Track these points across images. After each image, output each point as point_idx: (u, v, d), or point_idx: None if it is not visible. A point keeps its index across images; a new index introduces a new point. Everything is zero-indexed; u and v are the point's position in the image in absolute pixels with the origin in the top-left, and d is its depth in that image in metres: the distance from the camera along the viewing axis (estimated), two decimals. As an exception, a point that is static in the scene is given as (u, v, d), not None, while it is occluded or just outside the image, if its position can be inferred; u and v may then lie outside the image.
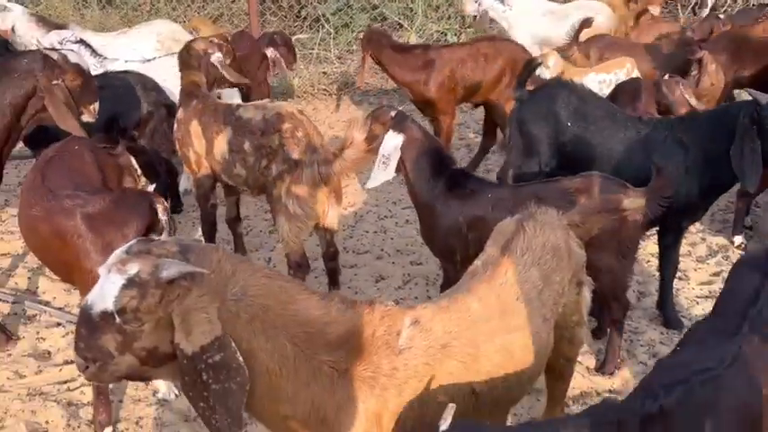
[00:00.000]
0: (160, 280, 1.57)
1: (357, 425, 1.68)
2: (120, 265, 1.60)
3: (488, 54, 5.13)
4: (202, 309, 1.59)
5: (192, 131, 3.65)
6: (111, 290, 1.58)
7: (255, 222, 4.80)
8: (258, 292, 1.66)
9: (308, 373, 1.67)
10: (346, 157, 3.25)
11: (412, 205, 5.00)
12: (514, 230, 2.03)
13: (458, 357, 1.77)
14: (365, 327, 1.73)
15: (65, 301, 3.86)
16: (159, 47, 5.08)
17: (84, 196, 2.77)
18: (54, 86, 3.20)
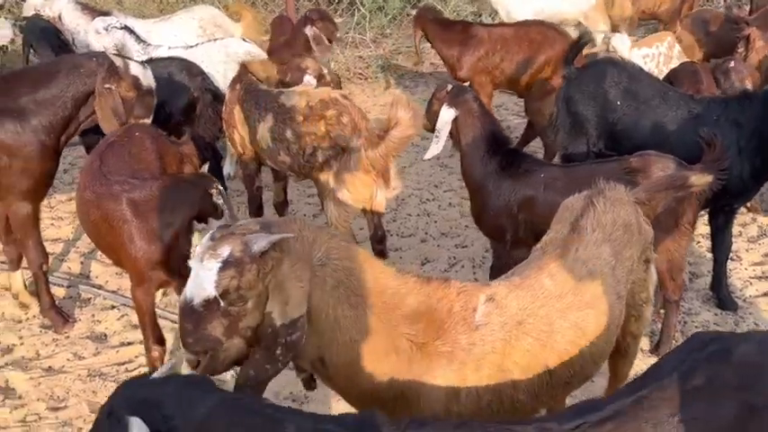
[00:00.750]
0: (253, 254, 1.60)
1: (435, 399, 1.70)
2: (211, 250, 1.63)
3: (536, 40, 5.02)
4: (297, 277, 1.62)
5: (236, 116, 3.68)
6: (209, 276, 1.60)
7: (299, 206, 4.83)
8: (340, 255, 1.69)
9: (387, 345, 1.69)
10: (392, 137, 3.24)
11: (454, 188, 5.05)
12: (584, 207, 2.01)
13: (533, 334, 1.77)
14: (442, 302, 1.74)
15: (117, 285, 3.93)
16: (201, 32, 5.12)
17: (134, 182, 2.82)
18: (105, 90, 3.26)
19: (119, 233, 2.80)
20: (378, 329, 1.69)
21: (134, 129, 3.14)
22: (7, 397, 3.11)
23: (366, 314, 1.69)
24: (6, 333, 3.51)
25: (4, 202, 3.21)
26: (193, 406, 1.39)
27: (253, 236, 1.62)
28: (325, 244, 1.69)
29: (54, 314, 3.49)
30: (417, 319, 1.72)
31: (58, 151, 3.30)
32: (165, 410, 1.37)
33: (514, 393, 1.75)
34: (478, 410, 1.71)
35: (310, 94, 3.43)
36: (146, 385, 1.49)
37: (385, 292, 1.72)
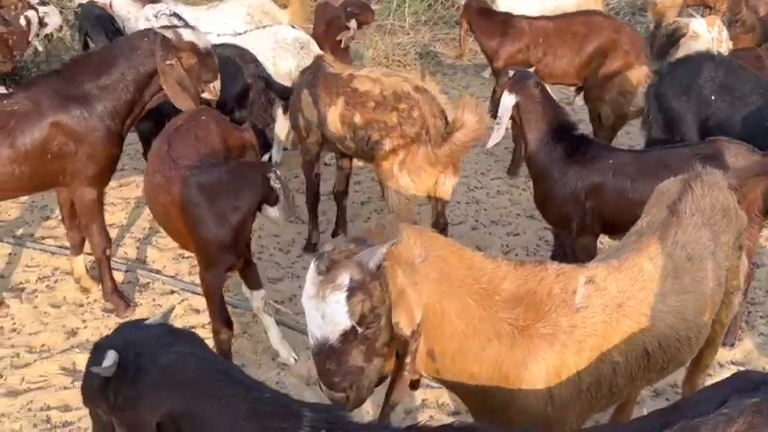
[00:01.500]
0: (371, 271, 1.57)
1: (537, 381, 1.70)
2: (328, 283, 1.58)
3: (579, 33, 4.94)
4: (411, 281, 1.60)
5: (303, 100, 3.69)
6: (339, 308, 1.57)
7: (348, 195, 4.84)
8: (435, 247, 1.68)
9: (490, 331, 1.69)
10: (455, 140, 3.25)
11: (501, 176, 5.03)
12: (681, 190, 1.99)
13: (632, 317, 1.76)
14: (541, 285, 1.73)
15: (175, 270, 3.98)
16: (249, 19, 5.13)
17: (202, 167, 2.85)
18: (167, 67, 3.24)
19: (188, 216, 2.83)
20: (480, 316, 1.69)
21: (200, 113, 3.17)
22: (76, 379, 3.16)
23: (468, 302, 1.68)
24: (70, 317, 3.57)
25: (70, 188, 3.25)
26: (165, 351, 1.48)
27: (362, 254, 1.59)
28: (419, 239, 1.67)
29: (116, 298, 3.55)
30: (516, 303, 1.72)
31: (123, 136, 3.33)
32: (138, 349, 1.48)
33: (613, 377, 1.75)
34: (578, 394, 1.71)
35: (384, 82, 3.42)
36: (134, 328, 1.62)
37: (481, 278, 1.71)
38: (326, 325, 1.59)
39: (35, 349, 3.35)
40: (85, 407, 1.60)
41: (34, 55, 6.11)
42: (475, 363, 1.70)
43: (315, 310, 1.60)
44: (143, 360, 1.46)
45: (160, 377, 1.44)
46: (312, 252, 4.11)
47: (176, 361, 1.47)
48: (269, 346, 3.34)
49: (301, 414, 1.44)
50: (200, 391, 1.45)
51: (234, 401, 1.44)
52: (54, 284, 3.81)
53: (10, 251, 4.11)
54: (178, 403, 1.43)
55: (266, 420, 1.42)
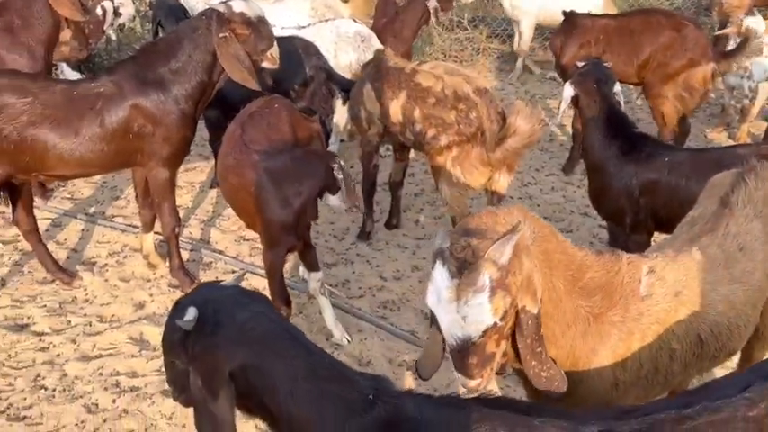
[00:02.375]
0: (504, 266, 1.58)
1: (605, 367, 1.77)
2: (469, 287, 1.59)
3: (637, 31, 4.93)
4: (534, 264, 1.65)
5: (365, 93, 3.81)
6: (483, 309, 1.58)
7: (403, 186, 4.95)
8: (538, 229, 1.72)
9: (571, 316, 1.75)
10: (507, 146, 3.32)
11: (556, 173, 5.06)
12: (734, 182, 2.03)
13: (688, 305, 1.82)
14: (617, 274, 1.79)
15: (236, 251, 4.16)
16: (313, 13, 5.28)
17: (271, 153, 3.00)
18: (221, 40, 3.28)
19: (256, 199, 2.99)
20: (565, 301, 1.74)
21: (273, 101, 3.32)
22: (143, 348, 3.37)
23: (558, 286, 1.74)
24: (138, 290, 3.78)
25: (146, 168, 3.44)
26: (240, 309, 1.60)
27: (493, 250, 1.59)
28: (526, 222, 1.71)
29: (182, 275, 3.74)
30: (595, 291, 1.77)
31: (195, 120, 3.49)
32: (216, 306, 1.60)
33: (670, 364, 1.81)
34: (637, 380, 1.78)
35: (446, 80, 3.50)
36: (212, 288, 1.76)
37: (571, 264, 1.76)
38: (470, 326, 1.61)
39: (106, 319, 3.57)
40: (165, 357, 1.74)
41: (107, 43, 6.41)
42: (553, 346, 1.76)
43: (455, 313, 1.61)
44: (221, 316, 1.58)
45: (236, 331, 1.57)
46: (366, 240, 4.24)
47: (250, 318, 1.59)
48: (323, 326, 3.48)
49: (354, 380, 1.56)
50: (268, 348, 1.57)
51: (296, 361, 1.56)
52: (123, 260, 4.04)
53: (83, 227, 4.37)
54: (249, 356, 1.55)
55: (322, 382, 1.54)
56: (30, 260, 3.99)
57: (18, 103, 3.10)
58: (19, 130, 3.11)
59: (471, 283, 1.58)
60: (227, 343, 1.55)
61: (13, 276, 3.89)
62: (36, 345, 3.37)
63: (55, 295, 3.73)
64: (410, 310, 3.66)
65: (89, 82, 3.27)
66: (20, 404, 3.02)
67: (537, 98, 6.44)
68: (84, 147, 3.18)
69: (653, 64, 4.78)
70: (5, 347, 3.34)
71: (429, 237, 4.36)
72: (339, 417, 1.48)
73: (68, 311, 3.60)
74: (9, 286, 3.80)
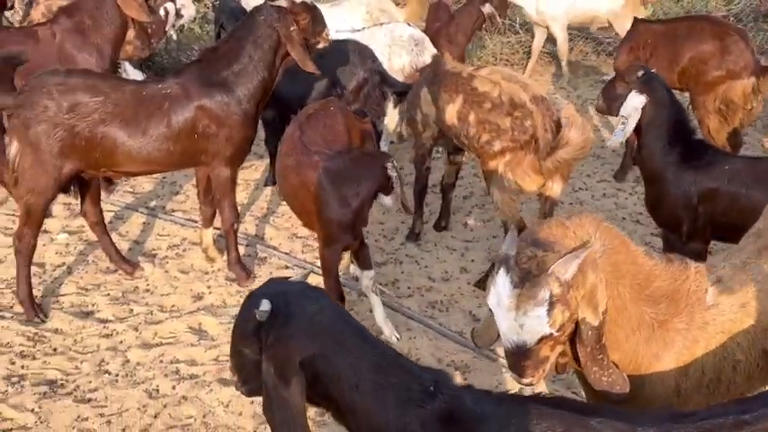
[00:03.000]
0: (567, 282, 1.63)
1: (668, 374, 1.80)
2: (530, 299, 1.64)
3: (680, 36, 4.85)
4: (599, 279, 1.68)
5: (422, 96, 3.88)
6: (540, 321, 1.64)
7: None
8: (610, 240, 1.75)
9: (636, 322, 1.78)
10: (559, 156, 3.33)
11: (608, 179, 5.04)
12: None
13: (753, 316, 1.83)
14: (684, 282, 1.82)
15: (289, 247, 4.28)
16: (368, 17, 5.37)
17: (330, 154, 3.10)
18: (292, 33, 3.41)
19: (316, 198, 3.09)
20: (630, 308, 1.77)
21: (329, 103, 3.42)
22: (202, 338, 3.51)
23: (625, 294, 1.76)
24: (197, 282, 3.93)
25: (209, 166, 3.58)
26: (310, 302, 1.70)
27: (559, 265, 1.62)
28: (597, 233, 1.73)
29: (239, 269, 3.87)
30: (660, 298, 1.80)
31: (257, 119, 3.62)
32: (288, 299, 1.69)
33: (733, 375, 1.83)
34: (699, 388, 1.80)
35: (503, 86, 3.54)
36: (282, 283, 1.87)
37: (639, 273, 1.78)
38: (526, 333, 1.67)
39: (166, 309, 3.72)
40: (234, 346, 1.81)
41: (167, 43, 6.63)
42: (616, 351, 1.78)
43: (513, 321, 1.67)
44: (292, 308, 1.67)
45: (306, 323, 1.66)
46: (415, 241, 4.31)
47: (319, 311, 1.67)
48: (373, 323, 3.55)
49: (415, 373, 1.63)
50: (335, 340, 1.65)
51: (361, 353, 1.63)
52: (183, 252, 4.20)
53: (144, 220, 4.55)
54: (318, 347, 1.63)
55: (386, 374, 1.60)
56: (94, 250, 4.18)
57: (90, 101, 3.27)
58: (90, 127, 3.28)
59: (532, 296, 1.63)
60: (299, 333, 1.64)
61: (79, 265, 4.08)
62: (100, 331, 3.54)
63: (118, 285, 3.90)
64: (458, 311, 3.71)
65: (157, 83, 3.42)
66: (85, 387, 3.19)
67: (589, 103, 6.40)
68: (151, 145, 3.33)
69: (692, 72, 4.72)
70: (72, 333, 3.52)
71: (477, 239, 4.40)
72: (401, 407, 1.54)
73: (131, 300, 3.77)
74: (75, 274, 4.00)
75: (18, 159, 3.33)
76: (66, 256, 4.15)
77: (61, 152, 3.30)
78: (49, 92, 3.26)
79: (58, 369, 3.28)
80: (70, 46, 4.13)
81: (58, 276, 3.97)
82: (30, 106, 3.27)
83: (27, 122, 3.27)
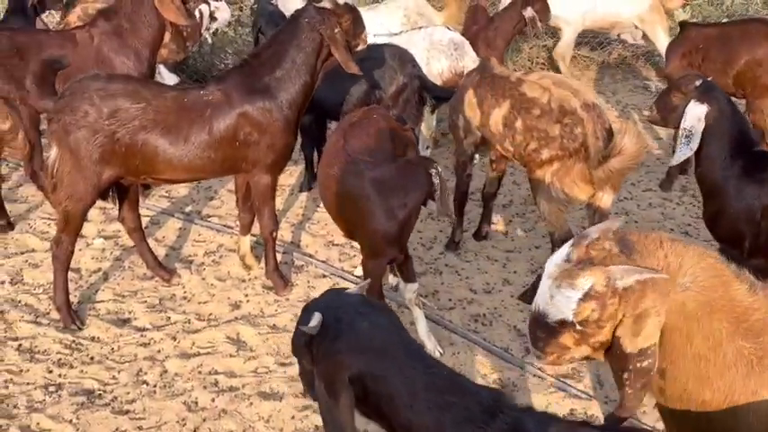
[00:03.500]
0: (617, 290, 1.59)
1: (765, 413, 1.68)
2: (570, 279, 1.62)
3: (734, 39, 4.70)
4: (656, 313, 1.62)
5: (467, 101, 3.78)
6: (567, 303, 1.63)
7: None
8: (705, 279, 1.67)
9: (731, 358, 1.68)
10: (611, 165, 3.21)
11: (652, 188, 4.88)
12: None
13: None
14: None
15: (326, 255, 4.20)
16: (405, 21, 5.28)
17: (375, 163, 3.01)
18: (336, 34, 3.36)
19: (361, 209, 3.00)
20: (725, 344, 1.69)
21: (372, 111, 3.34)
22: (240, 348, 3.44)
23: (721, 330, 1.68)
24: (234, 290, 3.87)
25: (249, 174, 3.51)
26: (361, 318, 1.66)
27: (619, 270, 1.60)
28: (692, 268, 1.66)
29: (277, 277, 3.80)
30: (761, 332, 1.69)
31: (298, 125, 3.54)
32: (339, 314, 1.67)
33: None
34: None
35: (553, 92, 3.42)
36: (337, 295, 1.85)
37: (737, 308, 1.70)
38: (551, 307, 1.67)
39: (204, 317, 3.66)
40: (295, 355, 1.81)
41: (201, 46, 6.60)
42: (708, 389, 1.70)
43: (547, 288, 1.67)
44: (342, 324, 1.65)
45: (355, 340, 1.63)
46: (454, 250, 4.20)
47: (369, 328, 1.65)
48: (415, 337, 3.46)
49: (474, 392, 1.58)
50: (386, 358, 1.61)
51: (414, 372, 1.59)
52: (219, 259, 4.14)
53: (180, 226, 4.50)
54: (367, 365, 1.61)
55: (442, 393, 1.55)
56: (130, 256, 4.15)
57: (131, 107, 3.22)
58: (131, 133, 3.22)
59: (572, 277, 1.62)
60: (347, 350, 1.62)
61: (115, 271, 4.04)
62: (138, 340, 3.49)
63: (155, 292, 3.85)
64: (503, 325, 3.60)
65: (198, 90, 3.36)
66: (123, 398, 3.14)
67: (629, 108, 6.25)
68: (192, 153, 3.27)
69: (748, 75, 4.57)
70: (109, 341, 3.48)
71: (519, 250, 4.28)
72: (459, 428, 1.51)
73: (168, 308, 3.72)
74: (111, 280, 3.96)
75: (57, 165, 3.30)
76: (103, 262, 4.12)
77: (101, 158, 3.25)
78: (90, 97, 3.21)
79: (96, 378, 3.24)
80: (108, 49, 4.09)
81: (94, 282, 3.94)
82: (70, 111, 3.23)
83: (67, 127, 3.23)
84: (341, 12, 3.40)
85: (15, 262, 4.07)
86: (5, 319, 3.59)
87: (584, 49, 7.39)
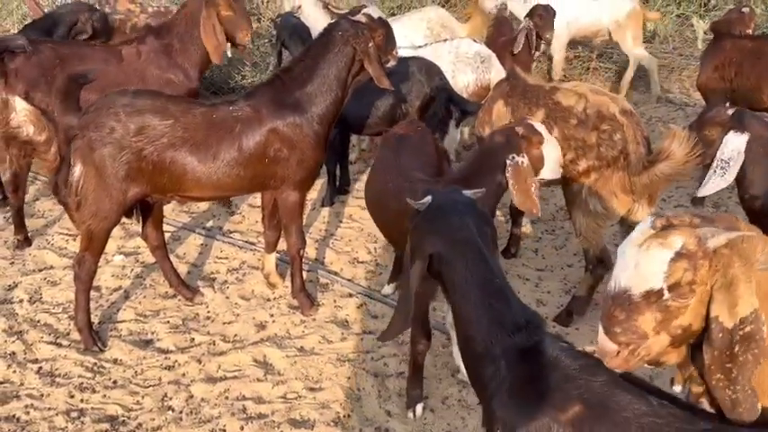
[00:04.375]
0: (707, 249, 1.54)
1: None
2: (660, 239, 1.56)
3: (761, 51, 4.64)
4: (747, 279, 1.55)
5: (495, 112, 3.67)
6: (658, 267, 1.55)
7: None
8: None
9: None
10: (658, 171, 3.09)
11: (684, 203, 4.76)
12: None
13: None
14: None
15: (351, 274, 4.09)
16: (429, 33, 5.20)
17: (430, 180, 2.90)
18: (370, 49, 3.30)
19: None
20: None
21: (415, 124, 3.28)
22: (268, 372, 3.32)
23: None
24: (259, 310, 3.76)
25: (278, 190, 3.40)
26: (458, 214, 1.99)
27: (707, 229, 1.56)
28: (766, 248, 1.59)
29: (303, 297, 3.69)
30: None
31: (327, 140, 3.44)
32: (444, 204, 2.05)
33: None
34: None
35: (589, 99, 3.32)
36: (456, 192, 2.15)
37: None
38: (636, 276, 1.58)
39: (229, 338, 3.55)
40: None
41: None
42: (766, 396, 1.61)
43: (630, 258, 1.59)
44: (441, 212, 2.01)
45: (444, 227, 1.95)
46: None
47: (458, 224, 1.95)
48: (447, 361, 3.35)
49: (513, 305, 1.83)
50: (460, 251, 1.89)
51: (477, 271, 1.86)
52: (243, 277, 4.03)
53: (201, 242, 4.40)
54: (444, 250, 1.91)
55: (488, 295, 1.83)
56: (151, 273, 4.05)
57: (160, 124, 3.12)
58: (159, 151, 3.13)
59: (663, 237, 1.56)
60: (434, 233, 1.95)
61: (136, 289, 3.94)
62: (162, 362, 3.38)
63: (178, 311, 3.75)
64: (540, 348, 3.47)
65: (228, 105, 3.26)
66: (148, 425, 3.02)
67: (654, 121, 6.13)
68: (221, 171, 3.17)
69: None
70: (132, 363, 3.37)
71: (552, 268, 4.16)
72: (492, 328, 1.77)
73: (191, 329, 3.61)
74: (132, 299, 3.85)
75: (81, 182, 3.19)
76: (123, 280, 4.02)
77: (127, 176, 3.15)
78: (116, 113, 3.12)
79: (119, 404, 3.12)
80: (155, 67, 4.04)
81: (115, 301, 3.83)
82: (95, 127, 3.13)
83: (92, 144, 3.13)
84: (375, 26, 3.34)
85: (33, 280, 3.98)
86: (25, 340, 3.49)
87: (606, 60, 7.30)
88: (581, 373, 1.61)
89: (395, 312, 2.19)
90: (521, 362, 1.67)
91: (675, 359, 1.74)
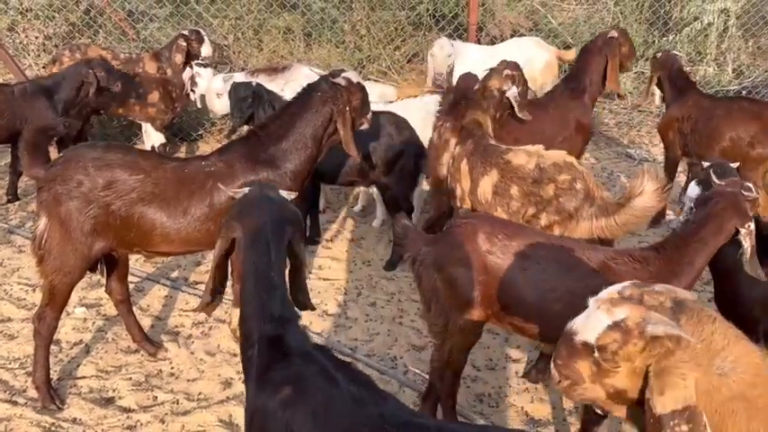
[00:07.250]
0: (644, 333, 1.60)
1: None
2: (610, 305, 1.66)
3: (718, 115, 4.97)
4: (681, 374, 1.59)
5: (462, 169, 3.73)
6: (596, 326, 1.66)
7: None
8: (747, 370, 1.63)
9: None
10: (634, 206, 3.16)
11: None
12: None
13: None
14: None
15: (321, 327, 4.03)
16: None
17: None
18: (347, 112, 3.36)
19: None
20: None
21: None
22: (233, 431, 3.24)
23: (757, 424, 1.63)
24: (225, 366, 3.68)
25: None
26: (262, 209, 2.21)
27: (655, 317, 1.62)
28: (736, 357, 1.63)
29: (271, 353, 3.62)
30: None
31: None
32: (254, 199, 2.27)
33: None
34: None
35: (542, 155, 3.41)
36: (270, 189, 2.36)
37: None
38: (583, 325, 1.71)
39: (193, 397, 3.45)
40: None
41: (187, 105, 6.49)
42: None
43: (590, 307, 1.73)
44: (250, 205, 2.24)
45: (248, 218, 2.18)
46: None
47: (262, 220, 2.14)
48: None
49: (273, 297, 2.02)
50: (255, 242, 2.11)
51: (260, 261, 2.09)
52: (209, 331, 3.96)
53: (166, 293, 4.31)
54: (243, 237, 2.14)
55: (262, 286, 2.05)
56: (113, 326, 3.94)
57: (129, 179, 3.08)
58: (128, 206, 3.08)
59: (612, 305, 1.67)
60: (239, 220, 2.17)
61: (97, 343, 3.83)
62: (123, 422, 3.26)
63: (140, 367, 3.64)
64: (509, 408, 3.47)
65: (200, 161, 3.25)
66: (108, 489, 2.90)
67: (615, 176, 6.30)
68: (191, 226, 3.13)
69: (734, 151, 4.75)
70: (92, 423, 3.25)
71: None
72: (254, 314, 1.99)
73: (154, 386, 3.51)
74: (93, 354, 3.74)
75: (46, 236, 3.12)
76: (84, 333, 3.91)
77: (93, 230, 3.09)
78: (85, 167, 3.07)
79: (78, 468, 3.00)
80: None
81: (75, 356, 3.72)
82: (62, 180, 3.08)
83: (58, 197, 3.08)
84: (353, 90, 3.39)
85: (-10, 333, 3.84)
86: (-22, 398, 3.35)
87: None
88: (301, 361, 1.84)
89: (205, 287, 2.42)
90: (266, 349, 1.90)
91: (620, 414, 1.80)
